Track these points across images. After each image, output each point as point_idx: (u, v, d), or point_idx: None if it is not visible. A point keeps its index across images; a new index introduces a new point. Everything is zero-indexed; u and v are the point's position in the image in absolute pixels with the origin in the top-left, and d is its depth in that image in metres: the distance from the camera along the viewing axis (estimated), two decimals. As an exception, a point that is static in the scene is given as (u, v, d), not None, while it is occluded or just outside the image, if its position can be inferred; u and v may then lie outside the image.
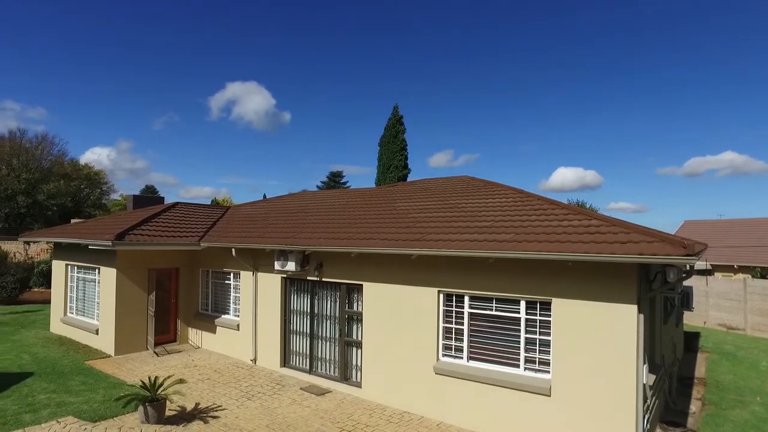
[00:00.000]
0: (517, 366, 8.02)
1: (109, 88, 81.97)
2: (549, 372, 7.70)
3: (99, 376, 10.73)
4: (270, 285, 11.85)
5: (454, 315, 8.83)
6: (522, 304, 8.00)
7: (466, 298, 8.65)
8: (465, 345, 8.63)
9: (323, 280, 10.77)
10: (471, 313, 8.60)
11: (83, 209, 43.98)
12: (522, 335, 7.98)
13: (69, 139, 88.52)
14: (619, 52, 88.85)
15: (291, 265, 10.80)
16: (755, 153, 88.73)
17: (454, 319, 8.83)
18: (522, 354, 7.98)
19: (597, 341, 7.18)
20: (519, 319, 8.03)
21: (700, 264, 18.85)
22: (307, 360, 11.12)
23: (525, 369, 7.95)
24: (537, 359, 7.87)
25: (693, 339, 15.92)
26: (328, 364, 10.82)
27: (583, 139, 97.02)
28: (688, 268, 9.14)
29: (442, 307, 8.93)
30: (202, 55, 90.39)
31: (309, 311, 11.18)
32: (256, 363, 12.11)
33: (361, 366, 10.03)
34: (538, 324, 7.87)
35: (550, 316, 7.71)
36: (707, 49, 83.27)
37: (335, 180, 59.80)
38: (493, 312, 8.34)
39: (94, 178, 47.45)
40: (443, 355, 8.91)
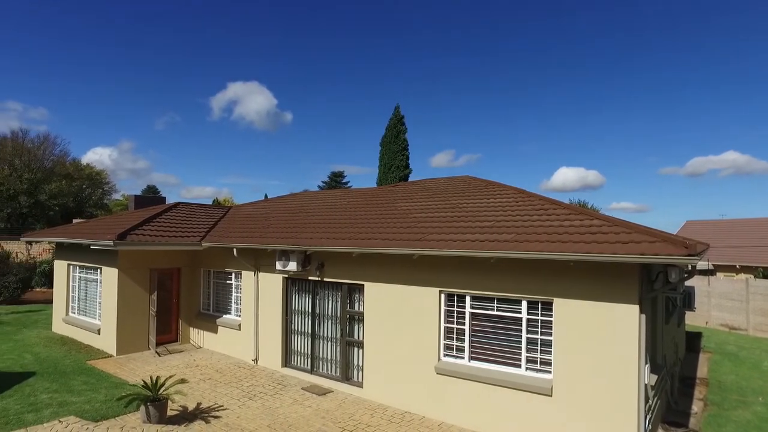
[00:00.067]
0: (519, 366, 8.02)
1: (110, 88, 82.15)
2: (550, 372, 7.70)
3: (101, 375, 10.76)
4: (271, 285, 11.86)
5: (455, 315, 8.82)
6: (523, 304, 7.99)
7: (467, 298, 8.64)
8: (466, 345, 8.63)
9: (325, 280, 10.77)
10: (472, 313, 8.60)
11: (85, 209, 44.01)
12: (523, 335, 7.98)
13: (71, 140, 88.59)
14: (619, 52, 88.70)
15: (292, 265, 10.81)
16: (758, 153, 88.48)
17: (455, 319, 8.82)
18: (523, 354, 7.98)
19: (599, 341, 7.18)
20: (520, 319, 8.03)
21: (702, 264, 18.81)
22: (309, 360, 11.13)
23: (526, 369, 7.95)
24: (538, 359, 7.87)
25: (695, 339, 15.89)
26: (329, 364, 10.82)
27: (585, 139, 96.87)
28: (690, 268, 9.11)
29: (443, 307, 8.93)
30: (202, 55, 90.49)
31: (310, 311, 11.19)
32: (257, 363, 12.13)
33: (363, 366, 10.03)
34: (539, 324, 7.87)
35: (551, 316, 7.70)
36: (707, 49, 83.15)
37: (337, 180, 59.78)
38: (495, 312, 8.34)
39: (95, 178, 47.51)
40: (445, 355, 8.91)
